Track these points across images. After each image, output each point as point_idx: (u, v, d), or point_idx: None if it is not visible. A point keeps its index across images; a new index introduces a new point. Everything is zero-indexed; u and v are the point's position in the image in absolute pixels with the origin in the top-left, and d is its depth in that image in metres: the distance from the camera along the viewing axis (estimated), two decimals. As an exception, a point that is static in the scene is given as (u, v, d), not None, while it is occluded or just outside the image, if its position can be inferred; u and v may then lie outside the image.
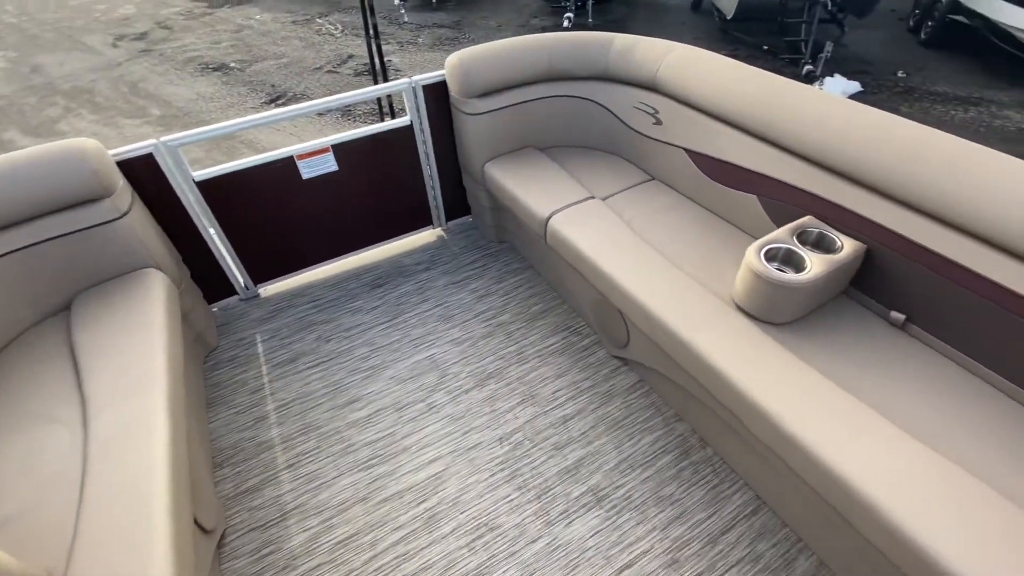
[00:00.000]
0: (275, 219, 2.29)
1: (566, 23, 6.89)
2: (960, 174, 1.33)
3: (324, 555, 1.57)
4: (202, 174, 2.05)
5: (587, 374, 2.03)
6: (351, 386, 2.04)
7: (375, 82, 3.83)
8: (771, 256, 1.54)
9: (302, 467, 1.79)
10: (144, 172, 1.91)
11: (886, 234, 1.50)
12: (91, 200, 1.71)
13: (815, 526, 1.46)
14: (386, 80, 3.21)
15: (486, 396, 1.97)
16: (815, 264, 1.49)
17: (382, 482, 1.74)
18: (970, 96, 4.79)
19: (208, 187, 2.07)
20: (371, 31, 3.44)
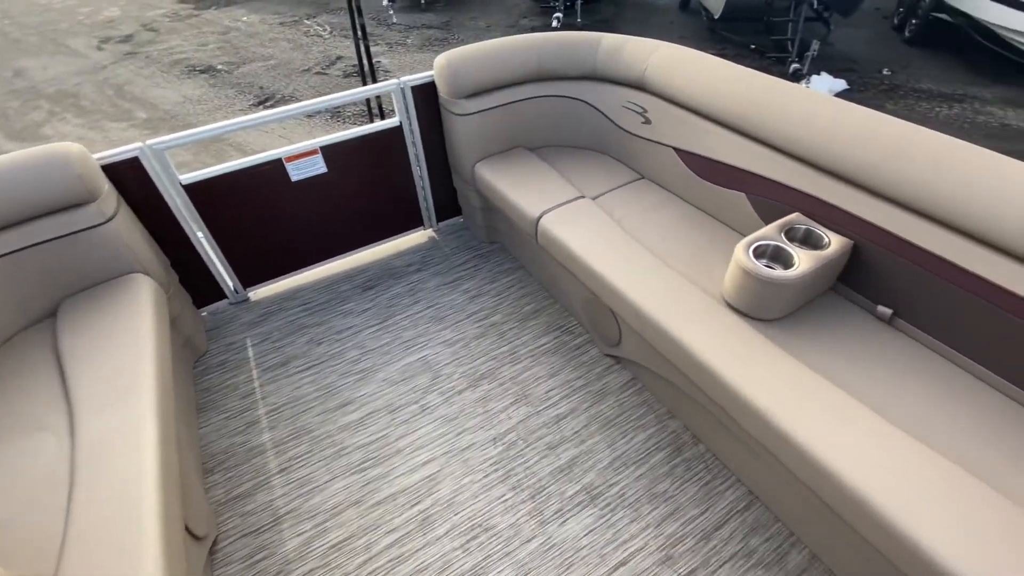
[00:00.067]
0: (264, 222, 2.27)
1: (555, 23, 6.90)
2: (945, 171, 1.34)
3: (318, 559, 1.56)
4: (189, 177, 2.03)
5: (579, 373, 2.03)
6: (343, 389, 2.03)
7: (364, 83, 3.81)
8: (760, 253, 1.56)
9: (294, 471, 1.78)
10: (130, 176, 1.89)
11: (873, 230, 1.51)
12: (76, 205, 1.69)
13: (807, 520, 1.47)
14: (375, 81, 3.19)
15: (479, 397, 1.97)
16: (803, 260, 1.50)
17: (375, 485, 1.73)
18: (954, 93, 4.86)
19: (195, 190, 2.06)
20: (359, 32, 3.42)
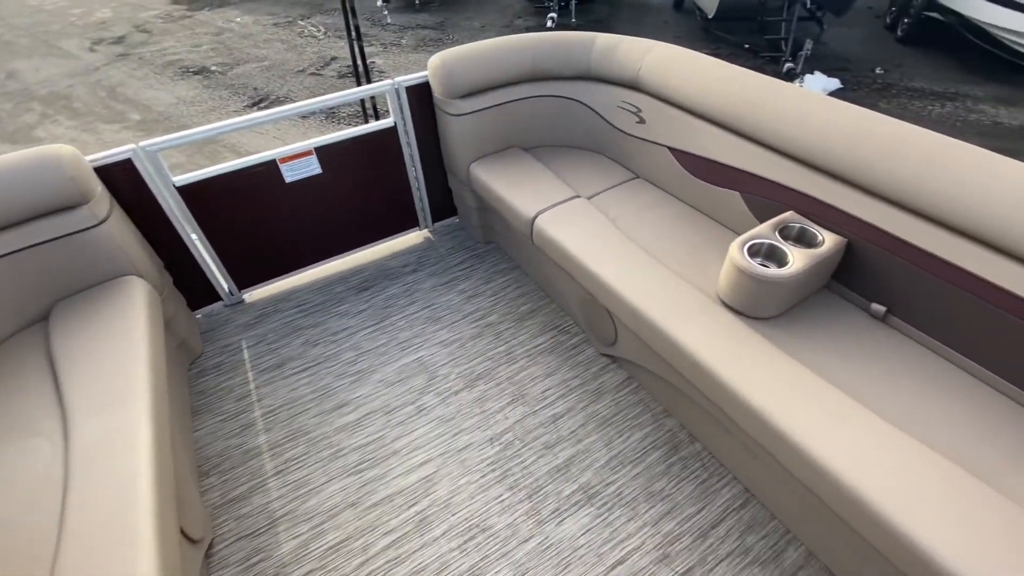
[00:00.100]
0: (259, 223, 2.27)
1: (549, 23, 6.91)
2: (937, 169, 1.35)
3: (315, 561, 1.56)
4: (183, 179, 2.02)
5: (576, 372, 2.03)
6: (339, 390, 2.03)
7: (358, 84, 3.80)
8: (754, 251, 1.56)
9: (290, 473, 1.77)
10: (123, 178, 1.88)
11: (866, 228, 1.52)
12: (68, 207, 1.68)
13: (803, 517, 1.48)
14: (369, 82, 3.19)
15: (476, 397, 1.97)
16: (797, 259, 1.50)
17: (372, 486, 1.72)
18: (946, 91, 4.89)
19: (189, 192, 2.05)
20: (353, 33, 3.42)
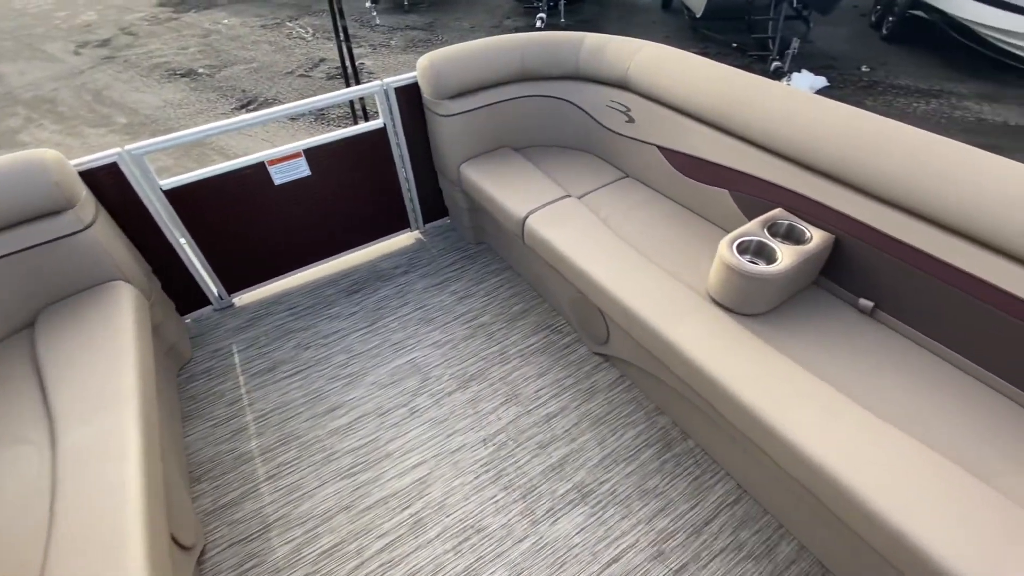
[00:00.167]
0: (248, 226, 2.25)
1: (538, 23, 6.91)
2: (923, 165, 1.37)
3: (308, 566, 1.55)
4: (169, 182, 2.00)
5: (569, 372, 2.04)
6: (331, 393, 2.02)
7: (347, 85, 3.79)
8: (743, 249, 1.57)
9: (283, 478, 1.76)
10: (109, 182, 1.86)
11: (854, 224, 1.54)
12: (53, 212, 1.65)
13: (795, 512, 1.49)
14: (358, 83, 3.17)
15: (469, 398, 1.97)
16: (786, 255, 1.52)
17: (366, 489, 1.72)
18: (931, 89, 4.95)
19: (176, 196, 2.03)
20: (342, 34, 3.40)
